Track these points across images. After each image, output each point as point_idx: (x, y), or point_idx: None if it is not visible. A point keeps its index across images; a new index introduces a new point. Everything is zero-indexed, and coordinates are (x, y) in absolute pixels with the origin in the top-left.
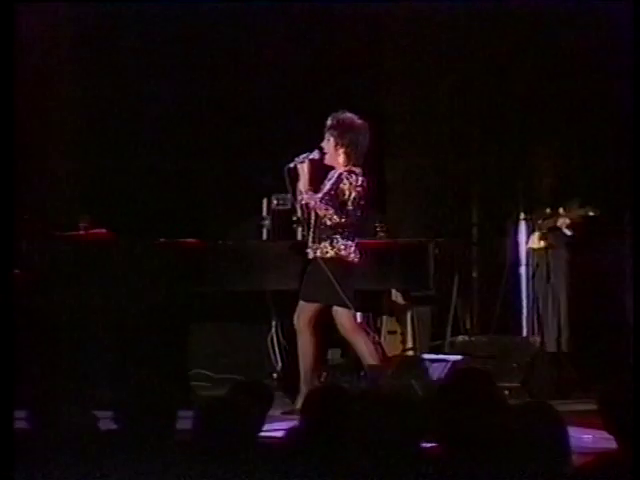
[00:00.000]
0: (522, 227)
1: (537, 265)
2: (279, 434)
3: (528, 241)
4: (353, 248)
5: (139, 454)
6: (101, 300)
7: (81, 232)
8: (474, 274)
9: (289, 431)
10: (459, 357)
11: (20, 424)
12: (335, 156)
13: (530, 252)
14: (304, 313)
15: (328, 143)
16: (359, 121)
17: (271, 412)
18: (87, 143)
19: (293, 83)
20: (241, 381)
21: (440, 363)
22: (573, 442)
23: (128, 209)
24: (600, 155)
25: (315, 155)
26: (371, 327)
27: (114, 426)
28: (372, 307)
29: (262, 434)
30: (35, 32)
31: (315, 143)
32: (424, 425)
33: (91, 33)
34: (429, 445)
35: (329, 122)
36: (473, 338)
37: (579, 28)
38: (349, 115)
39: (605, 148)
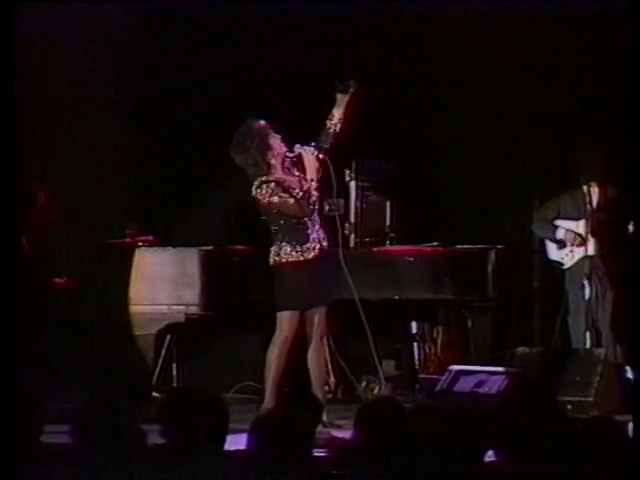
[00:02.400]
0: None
1: (594, 273)
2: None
3: (587, 248)
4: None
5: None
6: (146, 307)
7: (127, 240)
8: (535, 283)
9: (342, 445)
10: (518, 369)
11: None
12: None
13: (589, 260)
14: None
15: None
16: None
17: None
18: (132, 146)
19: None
20: (289, 393)
21: (499, 375)
22: None
23: (176, 216)
24: None
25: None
26: (427, 338)
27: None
28: (428, 317)
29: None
30: (35, 32)
31: None
32: (482, 438)
33: (91, 33)
34: (489, 459)
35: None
36: (534, 350)
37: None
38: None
39: None
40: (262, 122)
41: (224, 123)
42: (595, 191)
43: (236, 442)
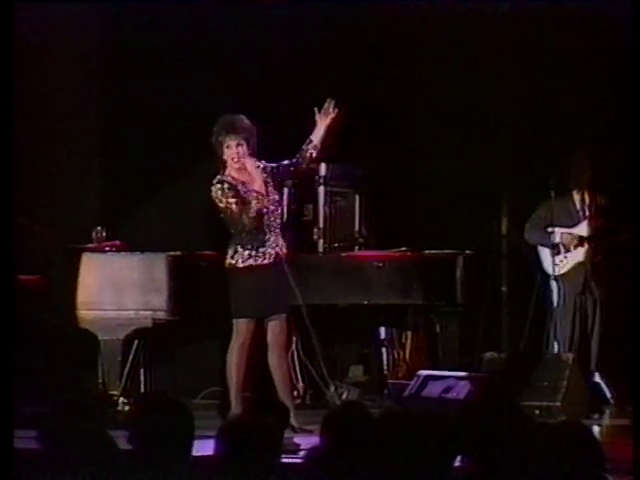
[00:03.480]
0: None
1: (588, 280)
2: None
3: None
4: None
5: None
6: (114, 312)
7: (95, 244)
8: (504, 288)
9: (309, 450)
10: (484, 374)
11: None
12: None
13: (583, 267)
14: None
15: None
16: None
17: None
18: (104, 148)
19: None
20: (256, 398)
21: (467, 381)
22: None
23: (143, 221)
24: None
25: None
26: (395, 343)
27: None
28: (396, 322)
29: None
30: (35, 32)
31: None
32: (451, 444)
33: (91, 33)
34: (458, 464)
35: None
36: (502, 355)
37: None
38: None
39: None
40: (232, 120)
41: (191, 128)
42: (587, 198)
43: (204, 448)
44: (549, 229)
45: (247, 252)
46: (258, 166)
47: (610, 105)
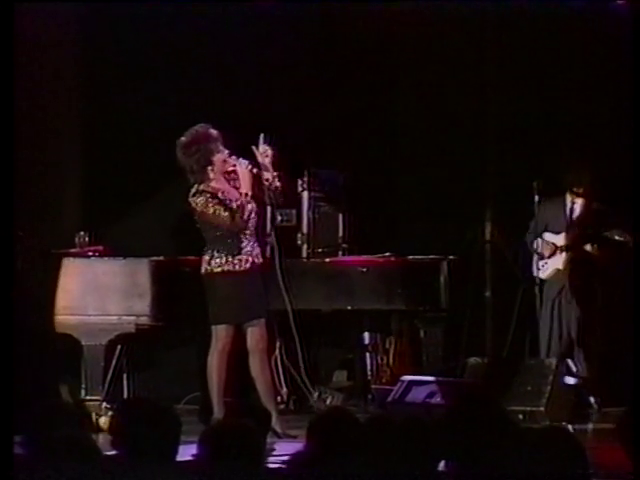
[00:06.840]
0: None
1: (551, 286)
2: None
3: (544, 261)
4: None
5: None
6: (97, 317)
7: (77, 249)
8: (487, 293)
9: (294, 456)
10: (468, 380)
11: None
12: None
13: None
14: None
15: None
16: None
17: None
18: (87, 153)
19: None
20: (238, 403)
21: (450, 386)
22: None
23: (127, 226)
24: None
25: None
26: (379, 348)
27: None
28: (380, 328)
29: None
30: (35, 32)
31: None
32: (434, 449)
33: (91, 33)
34: (441, 469)
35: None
36: (486, 360)
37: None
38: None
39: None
40: (212, 131)
41: (176, 132)
42: (577, 205)
43: (187, 453)
44: (543, 235)
45: (223, 258)
46: (250, 169)
47: (597, 108)
